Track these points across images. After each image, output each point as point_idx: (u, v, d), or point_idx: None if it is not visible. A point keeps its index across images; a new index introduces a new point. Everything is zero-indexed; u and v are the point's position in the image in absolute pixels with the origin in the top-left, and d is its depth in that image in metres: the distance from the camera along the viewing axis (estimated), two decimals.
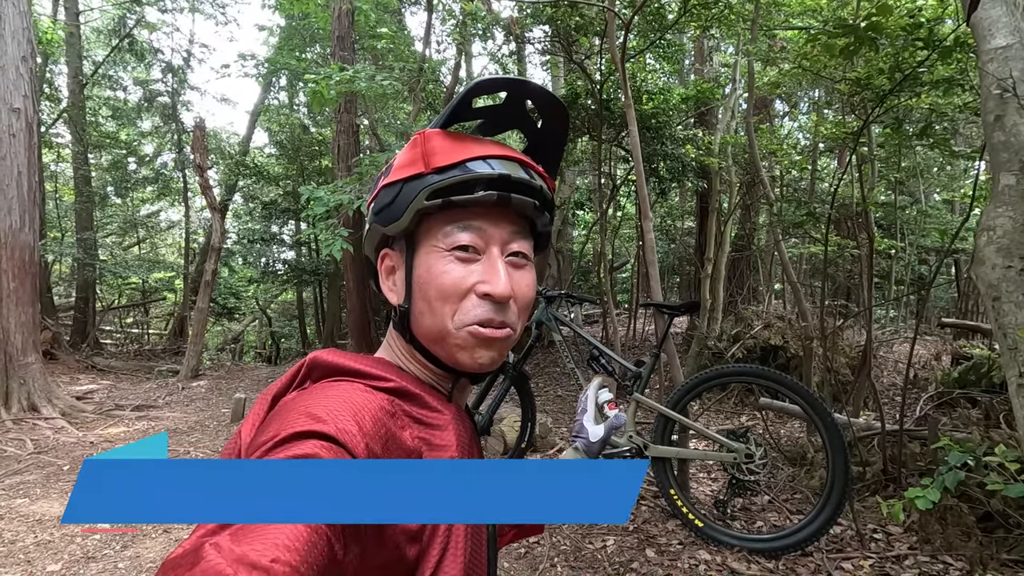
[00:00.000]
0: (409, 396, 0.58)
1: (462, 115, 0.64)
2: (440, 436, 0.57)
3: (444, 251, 0.59)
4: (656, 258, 3.37)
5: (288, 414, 0.50)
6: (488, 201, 0.58)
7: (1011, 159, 1.90)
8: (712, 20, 5.11)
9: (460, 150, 0.59)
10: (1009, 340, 1.71)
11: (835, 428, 2.62)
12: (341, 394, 0.52)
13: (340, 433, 0.47)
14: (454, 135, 0.61)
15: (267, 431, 0.49)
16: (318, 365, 0.58)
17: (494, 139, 0.65)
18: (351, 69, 5.33)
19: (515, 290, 0.59)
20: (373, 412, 0.51)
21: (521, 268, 0.62)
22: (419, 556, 0.50)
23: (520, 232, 0.62)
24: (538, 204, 0.61)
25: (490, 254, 0.59)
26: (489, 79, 0.64)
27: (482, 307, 0.58)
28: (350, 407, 0.50)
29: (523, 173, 0.60)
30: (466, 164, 0.58)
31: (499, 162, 0.59)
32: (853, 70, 3.60)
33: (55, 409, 5.52)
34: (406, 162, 0.61)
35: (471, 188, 0.58)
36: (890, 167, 6.87)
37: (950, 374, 4.71)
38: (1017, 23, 2.06)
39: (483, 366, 0.60)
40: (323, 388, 0.55)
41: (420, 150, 0.60)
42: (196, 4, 12.24)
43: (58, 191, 12.99)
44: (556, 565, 2.63)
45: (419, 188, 0.58)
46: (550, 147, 0.70)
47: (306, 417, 0.48)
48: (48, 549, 2.80)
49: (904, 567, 2.45)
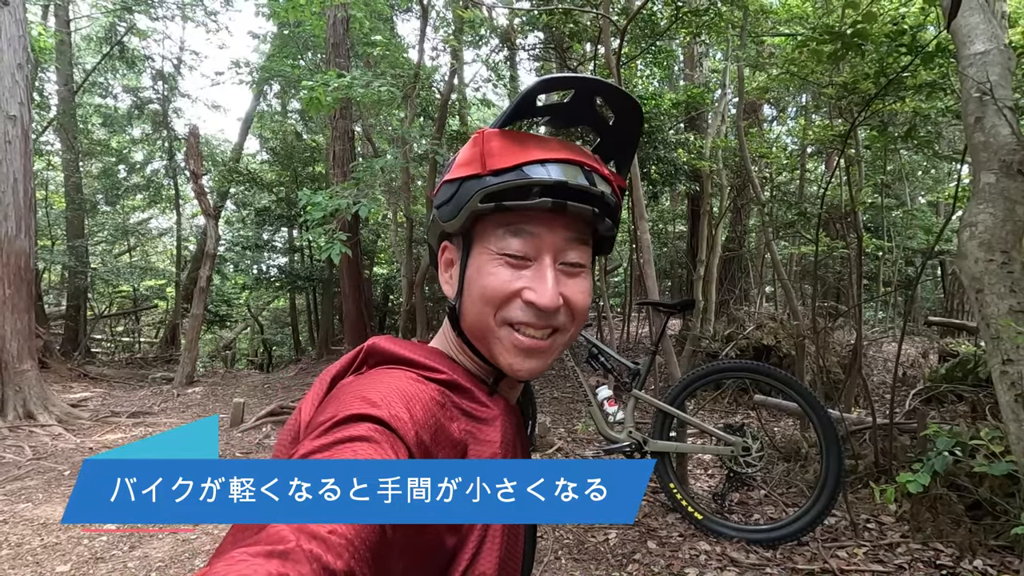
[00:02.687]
0: (459, 389, 0.59)
1: (525, 112, 0.62)
2: (486, 431, 0.58)
3: (495, 253, 0.58)
4: (652, 258, 3.45)
5: (345, 396, 0.53)
6: (543, 207, 0.57)
7: (991, 158, 2.00)
8: (702, 27, 5.23)
9: (519, 152, 0.58)
10: (992, 330, 1.80)
11: (829, 422, 2.70)
12: (395, 382, 0.55)
13: (392, 419, 0.49)
14: (515, 135, 0.60)
15: (326, 411, 0.52)
16: (376, 351, 0.60)
17: (560, 138, 0.64)
18: (348, 76, 5.40)
19: (568, 297, 0.59)
20: (424, 402, 0.53)
21: (575, 276, 0.61)
22: (457, 546, 0.52)
23: (577, 239, 0.60)
24: (598, 211, 0.59)
25: (541, 261, 0.58)
26: (555, 77, 0.63)
27: (526, 312, 0.58)
28: (403, 395, 0.53)
29: (583, 179, 0.58)
30: (523, 168, 0.57)
31: (558, 167, 0.57)
32: (840, 75, 3.71)
33: (51, 416, 5.50)
34: (466, 160, 0.60)
35: (526, 193, 0.57)
36: (876, 170, 7.03)
37: (937, 371, 4.83)
38: (994, 30, 2.17)
39: (520, 375, 0.60)
40: (379, 374, 0.57)
41: (480, 149, 0.59)
42: (187, 12, 12.24)
43: (48, 199, 12.90)
44: (560, 558, 2.69)
45: (475, 189, 0.58)
46: (623, 145, 0.68)
47: (361, 401, 0.51)
48: (56, 551, 2.82)
49: (896, 554, 2.54)
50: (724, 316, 6.86)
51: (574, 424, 5.09)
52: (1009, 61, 2.15)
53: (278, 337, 16.45)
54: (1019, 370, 1.72)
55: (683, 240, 9.65)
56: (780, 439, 4.16)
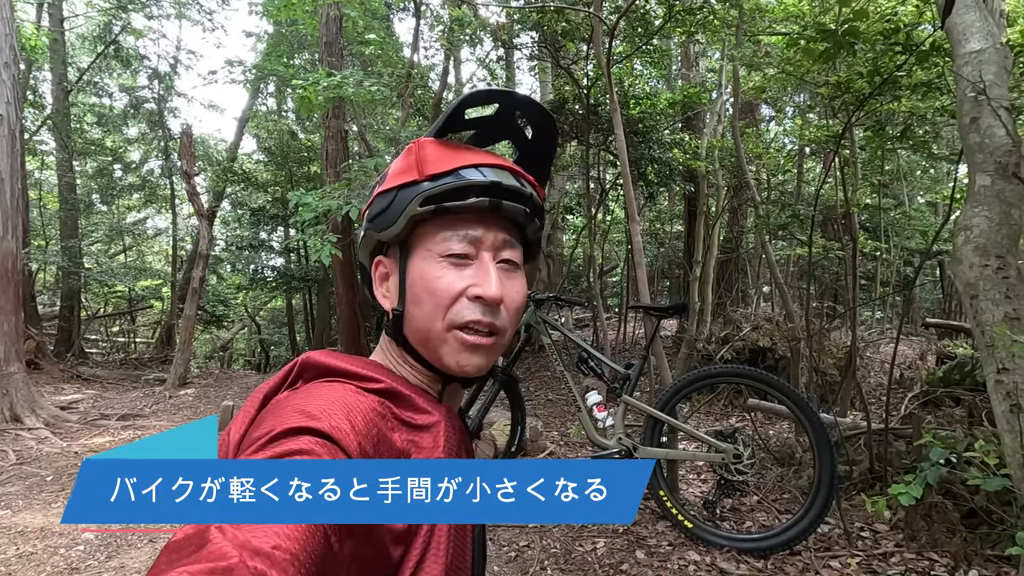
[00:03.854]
0: (398, 397, 0.59)
1: (455, 126, 0.66)
2: (427, 438, 0.58)
3: (437, 256, 0.60)
4: (644, 261, 3.39)
5: (282, 411, 0.51)
6: (480, 207, 0.59)
7: (986, 160, 1.94)
8: (697, 26, 5.17)
9: (453, 158, 0.61)
10: (987, 337, 1.74)
11: (822, 428, 2.65)
12: (333, 394, 0.54)
13: (333, 430, 0.48)
14: (448, 144, 0.63)
15: (261, 427, 0.50)
16: (310, 365, 0.59)
17: (486, 149, 0.67)
18: (339, 75, 5.33)
19: (505, 295, 0.61)
20: (365, 412, 0.52)
21: (511, 275, 0.63)
22: (401, 556, 0.51)
23: (511, 239, 0.63)
24: (529, 211, 0.63)
25: (481, 259, 0.61)
26: (480, 91, 0.66)
27: (472, 309, 0.59)
28: (343, 406, 0.51)
29: (514, 181, 0.62)
30: (459, 172, 0.60)
31: (491, 170, 0.61)
32: (835, 74, 3.65)
33: (38, 419, 5.44)
34: (401, 170, 0.62)
35: (464, 195, 0.59)
36: (873, 170, 6.97)
37: (934, 373, 4.77)
38: (990, 28, 2.11)
39: (467, 372, 0.61)
40: (316, 388, 0.56)
41: (414, 158, 0.62)
42: (183, 10, 12.17)
43: (42, 199, 12.83)
44: (547, 568, 2.63)
45: (413, 195, 0.59)
46: (539, 157, 0.71)
47: (300, 414, 0.49)
48: (31, 561, 2.76)
49: (891, 564, 2.48)
50: (720, 317, 6.80)
51: (567, 428, 5.03)
52: (1006, 60, 2.08)
53: (275, 337, 16.41)
54: (1014, 380, 1.66)
55: (680, 240, 9.59)
56: (774, 442, 4.10)
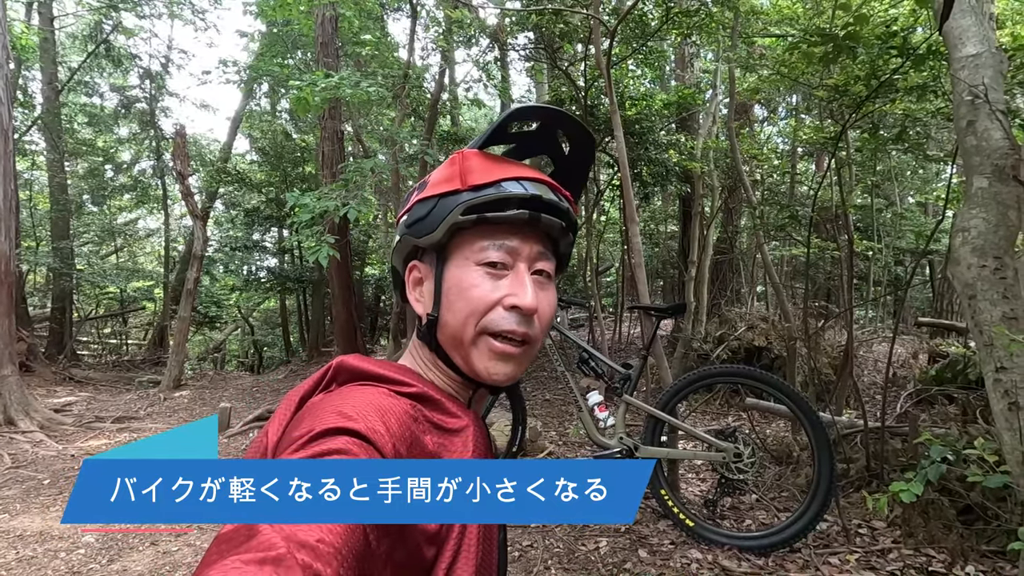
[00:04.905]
0: (429, 401, 0.60)
1: (499, 139, 0.68)
2: (457, 442, 0.59)
3: (474, 265, 0.62)
4: (643, 260, 3.41)
5: (319, 412, 0.53)
6: (520, 219, 0.61)
7: (983, 162, 1.98)
8: (693, 28, 5.21)
9: (495, 170, 0.63)
10: (985, 336, 1.78)
11: (820, 426, 2.68)
12: (368, 396, 0.55)
13: (369, 431, 0.49)
14: (490, 156, 0.64)
15: (300, 427, 0.52)
16: (344, 369, 0.60)
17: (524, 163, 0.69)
18: (336, 76, 5.32)
19: (539, 306, 0.62)
20: (398, 415, 0.54)
21: (545, 286, 0.64)
22: (435, 557, 0.52)
23: (546, 251, 0.65)
24: (564, 225, 0.65)
25: (518, 269, 0.62)
26: (527, 107, 0.68)
27: (508, 319, 0.60)
28: (377, 409, 0.53)
29: (552, 195, 0.64)
30: (501, 184, 0.62)
31: (531, 184, 0.63)
32: (831, 77, 3.69)
33: (33, 422, 5.39)
34: (443, 179, 0.64)
35: (504, 206, 0.61)
36: (867, 171, 7.04)
37: (928, 372, 4.83)
38: (986, 32, 2.15)
39: (496, 379, 0.62)
40: (350, 391, 0.57)
41: (458, 168, 0.63)
42: (175, 10, 12.08)
43: (33, 199, 12.70)
44: (550, 567, 2.64)
45: (455, 204, 0.61)
46: (576, 173, 0.73)
47: (337, 415, 0.51)
48: (31, 565, 2.74)
49: (888, 560, 2.51)
50: (716, 317, 6.85)
51: (566, 427, 5.05)
52: (1001, 64, 2.12)
53: (268, 338, 16.29)
54: (1012, 378, 1.69)
55: (675, 240, 9.64)
56: (772, 441, 4.14)
